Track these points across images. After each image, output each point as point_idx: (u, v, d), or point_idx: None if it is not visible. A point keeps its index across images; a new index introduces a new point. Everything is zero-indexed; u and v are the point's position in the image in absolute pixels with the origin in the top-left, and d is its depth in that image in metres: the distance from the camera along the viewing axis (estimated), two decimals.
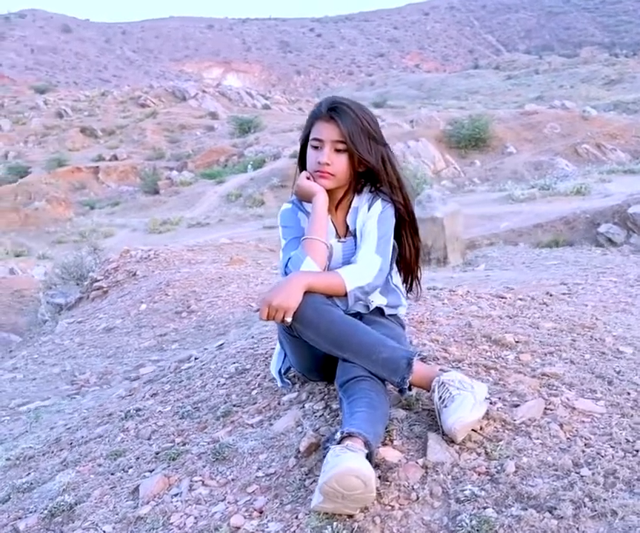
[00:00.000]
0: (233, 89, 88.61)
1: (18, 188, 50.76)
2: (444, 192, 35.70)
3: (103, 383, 6.62)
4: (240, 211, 35.87)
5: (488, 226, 17.98)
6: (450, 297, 4.58)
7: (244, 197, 40.49)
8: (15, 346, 11.01)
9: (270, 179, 41.58)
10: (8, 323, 15.27)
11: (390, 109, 77.30)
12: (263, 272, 9.80)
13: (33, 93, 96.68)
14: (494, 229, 17.35)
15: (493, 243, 15.52)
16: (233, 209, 37.61)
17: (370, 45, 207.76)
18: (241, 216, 33.74)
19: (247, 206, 37.93)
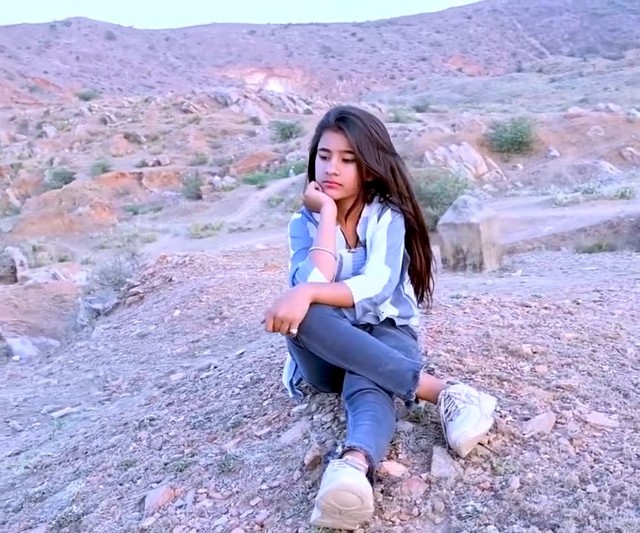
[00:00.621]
0: (275, 95, 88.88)
1: (63, 194, 51.35)
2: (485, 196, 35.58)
3: (134, 389, 6.66)
4: (281, 216, 35.98)
5: (530, 231, 17.82)
6: (473, 306, 4.54)
7: (285, 202, 40.60)
8: (53, 351, 11.15)
9: None
10: (49, 327, 15.45)
11: (432, 113, 77.01)
12: None
13: (78, 100, 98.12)
14: (536, 233, 17.18)
15: (535, 247, 15.38)
16: (274, 214, 37.75)
17: (411, 49, 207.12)
18: (282, 221, 33.81)
19: (288, 211, 37.97)
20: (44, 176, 59.62)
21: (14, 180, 61.06)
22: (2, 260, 27.62)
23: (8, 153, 69.22)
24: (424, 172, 32.60)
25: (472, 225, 11.18)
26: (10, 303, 16.74)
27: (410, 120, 67.29)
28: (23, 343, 12.87)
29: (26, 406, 6.89)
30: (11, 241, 37.73)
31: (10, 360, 11.60)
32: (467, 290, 7.76)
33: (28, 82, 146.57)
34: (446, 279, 9.84)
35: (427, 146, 46.25)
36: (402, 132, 54.84)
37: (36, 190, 57.11)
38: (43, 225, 44.37)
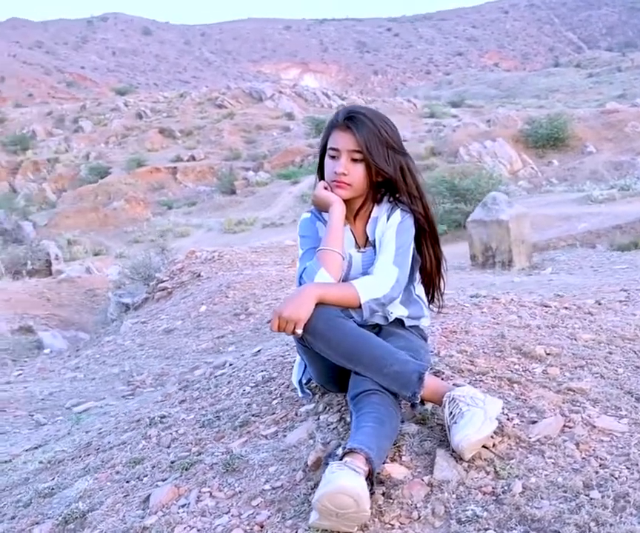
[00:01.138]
0: (309, 90, 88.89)
1: (99, 188, 51.84)
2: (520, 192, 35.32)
3: (158, 384, 6.70)
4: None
5: (565, 228, 17.68)
6: (491, 306, 4.49)
7: None
8: (83, 345, 11.24)
9: None
10: (80, 321, 15.61)
11: (467, 108, 76.62)
12: None
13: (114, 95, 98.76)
14: (571, 230, 17.03)
15: (570, 244, 15.23)
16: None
17: (447, 44, 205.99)
18: None
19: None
20: (80, 171, 60.16)
21: (50, 175, 61.70)
22: (37, 253, 27.94)
23: (45, 148, 69.92)
24: (457, 167, 32.44)
25: (501, 222, 11.10)
26: (43, 296, 16.93)
27: (445, 115, 67.06)
28: (53, 337, 13.00)
29: (51, 399, 6.95)
30: (46, 235, 38.20)
31: (41, 354, 11.73)
32: (494, 288, 7.72)
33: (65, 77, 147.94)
34: (474, 277, 9.79)
35: (462, 142, 46.05)
36: (437, 128, 54.67)
37: (72, 184, 57.68)
38: (78, 219, 44.83)
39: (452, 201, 26.31)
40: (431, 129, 55.74)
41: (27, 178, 62.42)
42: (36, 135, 74.07)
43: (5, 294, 17.08)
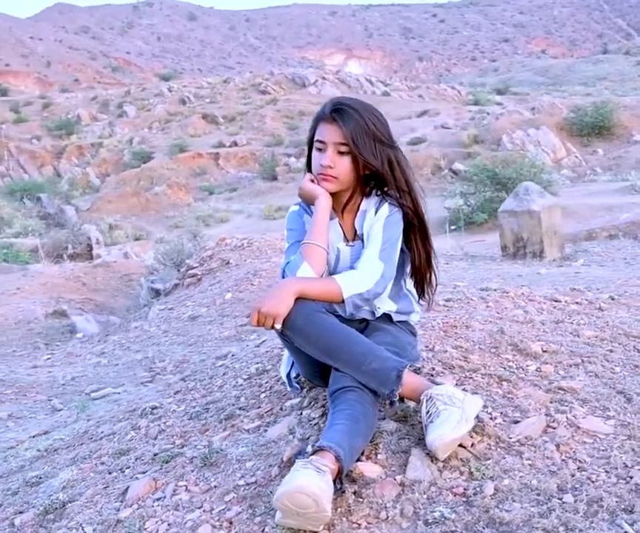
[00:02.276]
0: (353, 76, 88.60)
1: (141, 173, 52.26)
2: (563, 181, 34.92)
3: (178, 371, 6.71)
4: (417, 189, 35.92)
5: (608, 218, 17.44)
6: (498, 300, 4.43)
7: None
8: (112, 330, 11.32)
9: None
10: (115, 306, 15.73)
11: (512, 96, 75.89)
12: None
13: (158, 80, 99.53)
14: (613, 220, 16.77)
15: (612, 235, 15.00)
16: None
17: (494, 30, 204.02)
18: None
19: None
20: (123, 155, 60.71)
21: (94, 160, 62.35)
22: (79, 237, 28.27)
23: (89, 132, 70.71)
24: (500, 156, 32.18)
25: (532, 213, 10.94)
26: (79, 280, 17.11)
27: (490, 103, 66.47)
28: (86, 321, 13.11)
29: (72, 385, 7.01)
30: (88, 219, 38.59)
31: (73, 338, 11.83)
32: (520, 280, 7.62)
33: (111, 62, 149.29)
34: (502, 268, 9.66)
35: (505, 130, 45.69)
36: (480, 116, 54.22)
37: (116, 169, 58.24)
38: (120, 204, 45.24)
39: (494, 190, 26.12)
40: (474, 116, 55.27)
41: (72, 162, 63.16)
42: (81, 119, 74.93)
43: (42, 278, 17.29)
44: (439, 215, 25.59)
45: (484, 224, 24.68)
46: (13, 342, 11.48)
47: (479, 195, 26.97)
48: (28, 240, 31.06)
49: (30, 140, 69.59)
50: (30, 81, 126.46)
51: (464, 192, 27.92)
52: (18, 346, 11.08)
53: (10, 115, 76.97)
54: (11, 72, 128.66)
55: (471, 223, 25.51)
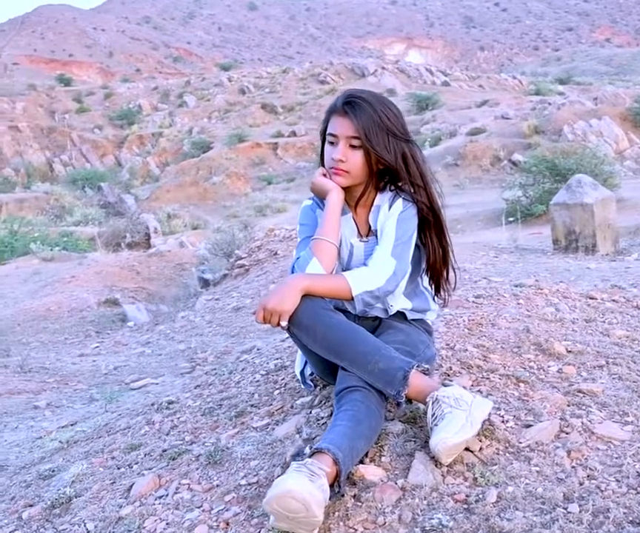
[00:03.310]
0: (412, 66, 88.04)
1: (200, 163, 52.59)
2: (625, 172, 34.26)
3: (219, 363, 6.72)
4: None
5: None
6: (530, 297, 4.32)
7: None
8: (161, 320, 11.39)
9: (444, 157, 41.12)
10: (168, 295, 15.82)
11: (575, 86, 74.65)
12: None
13: (218, 70, 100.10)
14: None
15: None
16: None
17: (557, 19, 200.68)
18: None
19: None
20: (183, 145, 61.16)
21: (155, 149, 62.98)
22: (137, 226, 28.58)
23: (150, 122, 71.49)
24: (560, 146, 31.67)
25: (585, 206, 10.72)
26: (133, 269, 17.24)
27: (552, 93, 65.51)
28: (138, 310, 13.21)
29: (114, 374, 7.06)
30: (147, 208, 39.00)
31: (124, 326, 11.94)
32: (567, 274, 7.47)
33: (172, 52, 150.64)
34: (552, 262, 9.48)
35: (566, 120, 44.92)
36: (541, 106, 53.45)
37: (175, 159, 58.74)
38: (178, 193, 45.60)
39: (553, 181, 25.68)
40: (535, 106, 54.47)
41: (132, 152, 63.95)
42: (142, 109, 75.80)
43: (98, 266, 17.48)
44: (497, 206, 25.30)
45: (542, 216, 24.28)
46: (66, 330, 11.61)
47: (538, 186, 26.54)
48: (88, 228, 31.54)
49: (92, 129, 70.67)
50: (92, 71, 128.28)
51: (523, 184, 27.51)
52: (71, 334, 11.21)
53: (73, 105, 78.19)
54: (75, 62, 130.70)
55: (529, 215, 25.15)
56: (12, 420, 5.48)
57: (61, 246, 24.38)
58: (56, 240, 25.99)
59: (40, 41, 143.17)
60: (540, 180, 26.71)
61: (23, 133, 66.44)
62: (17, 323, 11.91)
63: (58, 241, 25.61)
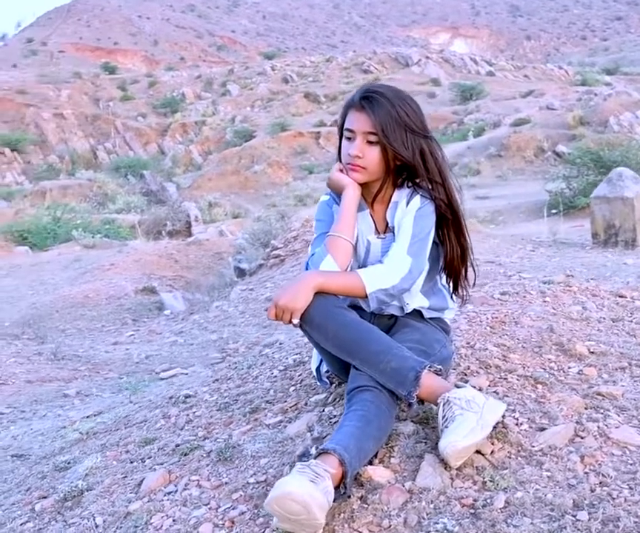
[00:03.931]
0: (457, 56, 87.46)
1: (242, 152, 52.69)
2: None
3: (249, 353, 6.71)
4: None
5: None
6: (557, 294, 4.23)
7: (459, 166, 39.87)
8: (196, 309, 11.43)
9: (488, 148, 40.80)
10: (205, 284, 15.88)
11: (622, 76, 73.57)
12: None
13: (262, 59, 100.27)
14: None
15: None
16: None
17: (606, 8, 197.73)
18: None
19: (461, 175, 37.31)
20: (225, 134, 61.34)
21: (197, 137, 63.26)
22: (178, 214, 28.71)
23: (193, 111, 71.84)
24: (605, 138, 31.24)
25: (626, 199, 10.54)
26: (172, 258, 17.34)
27: (598, 83, 64.60)
28: (174, 298, 13.26)
29: (145, 363, 7.10)
30: (189, 197, 39.19)
31: (161, 315, 12.00)
32: (604, 269, 7.36)
33: (216, 41, 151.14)
34: (589, 256, 9.36)
35: (612, 112, 44.34)
36: (587, 97, 52.82)
37: (218, 147, 58.94)
38: (219, 182, 45.75)
39: (597, 173, 25.33)
40: (581, 97, 53.82)
41: (175, 140, 64.32)
42: (185, 97, 76.23)
43: (137, 254, 17.60)
44: (540, 198, 25.05)
45: (585, 209, 23.93)
46: (103, 317, 11.71)
47: (582, 178, 26.22)
48: (130, 216, 31.78)
49: (136, 117, 71.25)
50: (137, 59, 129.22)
51: (567, 176, 27.20)
52: (107, 322, 11.30)
53: (118, 93, 78.88)
54: (120, 50, 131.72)
55: (572, 207, 24.86)
56: (41, 408, 5.53)
57: (103, 233, 24.57)
58: (98, 227, 26.19)
59: (86, 29, 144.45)
60: (584, 172, 26.39)
61: (68, 121, 67.17)
62: (55, 310, 12.02)
63: (100, 228, 25.81)
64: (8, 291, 14.81)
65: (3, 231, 25.67)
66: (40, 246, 23.19)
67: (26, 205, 36.14)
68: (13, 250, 22.17)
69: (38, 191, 42.05)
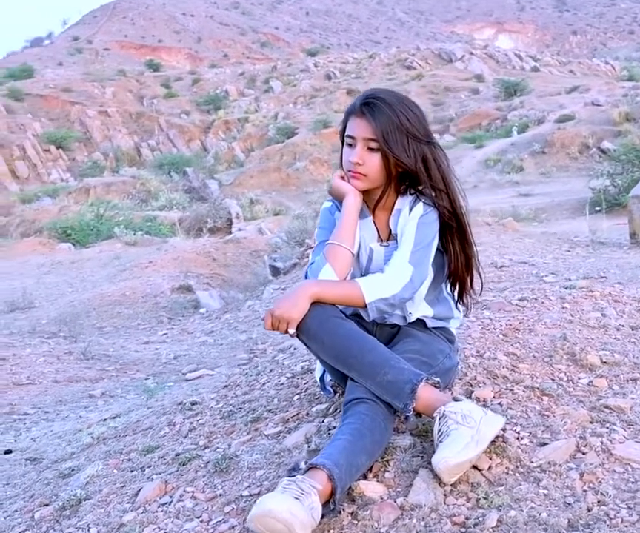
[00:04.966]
0: (501, 51, 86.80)
1: (284, 148, 52.77)
2: None
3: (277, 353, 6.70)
4: (497, 177, 35.19)
5: None
6: (577, 300, 4.12)
7: (502, 162, 39.57)
8: (231, 308, 11.44)
9: (532, 144, 40.38)
10: (242, 282, 15.91)
11: None
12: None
13: (305, 56, 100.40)
14: None
15: None
16: (490, 174, 36.92)
17: None
18: (496, 182, 33.14)
19: (504, 172, 37.04)
20: (268, 131, 61.53)
21: (240, 134, 63.55)
22: (219, 212, 28.83)
23: (236, 108, 72.24)
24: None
25: None
26: (210, 256, 17.38)
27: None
28: (210, 297, 13.28)
29: (173, 363, 7.11)
30: (230, 194, 39.30)
31: (196, 313, 12.03)
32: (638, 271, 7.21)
33: (259, 38, 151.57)
34: (626, 257, 9.17)
35: None
36: (634, 92, 52.09)
37: (260, 144, 59.11)
38: (261, 179, 45.82)
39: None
40: (628, 93, 53.06)
41: (218, 137, 64.72)
42: (229, 95, 76.65)
43: (175, 252, 17.68)
44: (584, 196, 24.76)
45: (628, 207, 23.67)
46: (139, 315, 11.77)
47: (627, 175, 25.87)
48: (172, 213, 31.95)
49: (180, 115, 71.78)
50: (181, 56, 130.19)
51: (611, 173, 26.85)
52: (143, 320, 11.36)
53: (161, 91, 79.54)
54: (164, 48, 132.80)
55: (616, 204, 24.54)
56: (65, 408, 5.57)
57: (144, 230, 24.73)
58: (140, 224, 26.37)
59: (130, 27, 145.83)
60: (629, 169, 26.05)
61: (112, 118, 67.91)
62: (93, 308, 12.11)
63: (142, 225, 25.98)
64: (49, 288, 14.99)
65: (47, 227, 26.01)
66: (82, 243, 23.41)
67: (70, 202, 36.53)
68: (56, 247, 22.42)
69: (83, 188, 42.47)
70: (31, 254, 20.80)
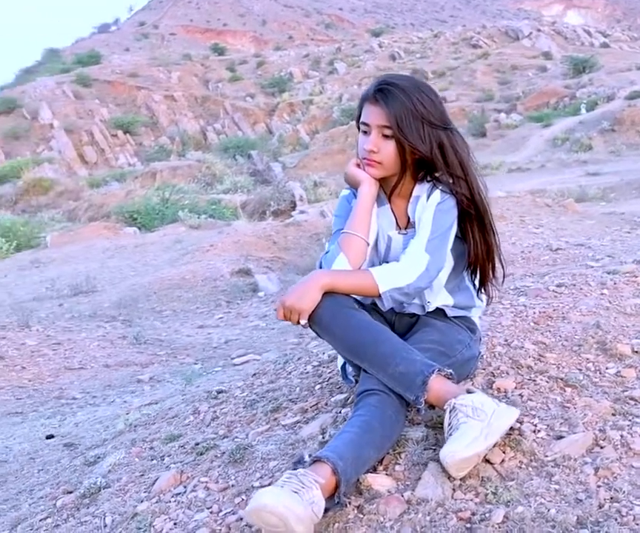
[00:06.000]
0: (570, 28, 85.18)
1: (349, 130, 52.64)
2: None
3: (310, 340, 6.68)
4: (564, 156, 34.54)
5: None
6: (618, 286, 3.98)
7: (570, 141, 38.89)
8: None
9: (600, 122, 39.59)
10: (302, 265, 15.91)
11: None
12: (520, 231, 9.15)
13: (370, 36, 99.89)
14: None
15: None
16: (557, 153, 36.30)
17: None
18: (564, 161, 32.52)
19: (572, 150, 36.40)
20: (332, 112, 61.47)
21: (305, 117, 63.63)
22: (283, 194, 28.87)
23: (301, 90, 72.32)
24: None
25: None
26: (270, 239, 17.42)
27: None
28: (269, 280, 13.31)
29: (223, 348, 7.14)
30: (294, 176, 39.34)
31: (254, 296, 12.07)
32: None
33: (324, 19, 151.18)
34: None
35: None
36: None
37: (325, 126, 59.13)
38: (325, 161, 45.83)
39: None
40: None
41: (283, 119, 64.91)
42: (293, 77, 76.75)
43: (236, 235, 17.76)
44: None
45: None
46: (198, 299, 11.86)
47: None
48: (236, 196, 32.11)
49: (245, 98, 72.17)
50: (246, 39, 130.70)
51: None
52: (202, 303, 11.44)
53: (226, 74, 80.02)
54: (229, 31, 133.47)
55: None
56: (112, 393, 5.64)
57: (209, 213, 24.89)
58: (204, 207, 26.53)
59: (195, 11, 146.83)
60: None
61: (178, 102, 68.57)
62: (153, 291, 12.24)
63: (206, 209, 26.14)
64: (112, 272, 15.20)
65: (114, 212, 26.39)
66: (148, 227, 23.68)
67: (137, 186, 36.96)
68: (120, 231, 22.73)
69: (149, 172, 42.97)
70: (96, 238, 21.10)
